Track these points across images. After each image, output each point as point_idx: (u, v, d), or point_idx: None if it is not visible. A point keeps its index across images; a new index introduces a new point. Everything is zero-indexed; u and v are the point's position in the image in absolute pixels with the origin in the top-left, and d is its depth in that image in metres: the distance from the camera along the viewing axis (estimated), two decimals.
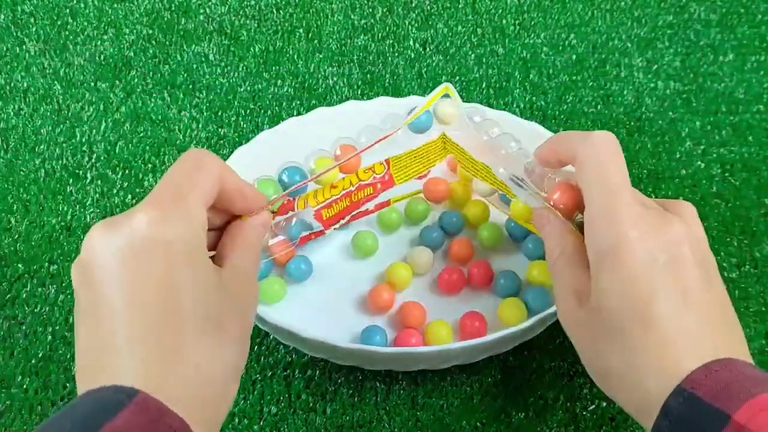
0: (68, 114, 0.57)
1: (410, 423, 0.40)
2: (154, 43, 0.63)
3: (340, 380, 0.42)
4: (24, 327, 0.44)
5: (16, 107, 0.57)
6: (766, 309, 0.45)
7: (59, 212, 0.50)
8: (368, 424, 0.40)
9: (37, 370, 0.42)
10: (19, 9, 0.65)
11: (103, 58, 0.61)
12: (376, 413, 0.41)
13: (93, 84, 0.59)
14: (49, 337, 0.44)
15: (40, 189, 0.52)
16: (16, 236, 0.49)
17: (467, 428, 0.40)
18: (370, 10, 0.66)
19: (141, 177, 0.52)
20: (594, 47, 0.63)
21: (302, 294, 0.45)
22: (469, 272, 0.45)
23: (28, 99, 0.58)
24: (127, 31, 0.64)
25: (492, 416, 0.40)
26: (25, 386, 0.42)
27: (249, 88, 0.59)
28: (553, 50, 0.62)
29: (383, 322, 0.43)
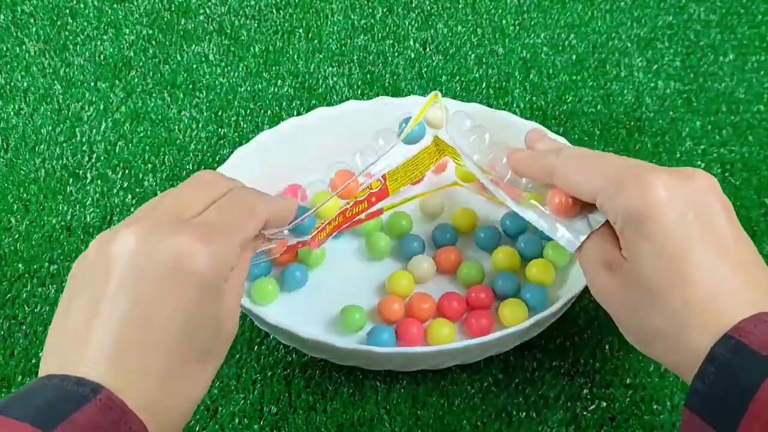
0: (68, 114, 0.57)
1: (411, 422, 0.40)
2: (154, 43, 0.63)
3: (341, 379, 0.42)
4: (24, 327, 0.44)
5: (16, 107, 0.57)
6: None
7: (59, 212, 0.50)
8: (369, 423, 0.40)
9: (37, 370, 0.42)
10: (19, 9, 0.65)
11: (103, 58, 0.61)
12: (377, 412, 0.41)
13: (93, 84, 0.59)
14: None
15: (40, 189, 0.52)
16: (16, 236, 0.49)
17: (468, 427, 0.40)
18: (370, 10, 0.66)
19: (141, 177, 0.52)
20: (594, 47, 0.63)
21: (302, 294, 0.45)
22: (468, 297, 0.44)
23: (28, 99, 0.58)
24: (127, 31, 0.64)
25: (492, 415, 0.40)
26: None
27: (249, 88, 0.59)
28: (553, 50, 0.62)
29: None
